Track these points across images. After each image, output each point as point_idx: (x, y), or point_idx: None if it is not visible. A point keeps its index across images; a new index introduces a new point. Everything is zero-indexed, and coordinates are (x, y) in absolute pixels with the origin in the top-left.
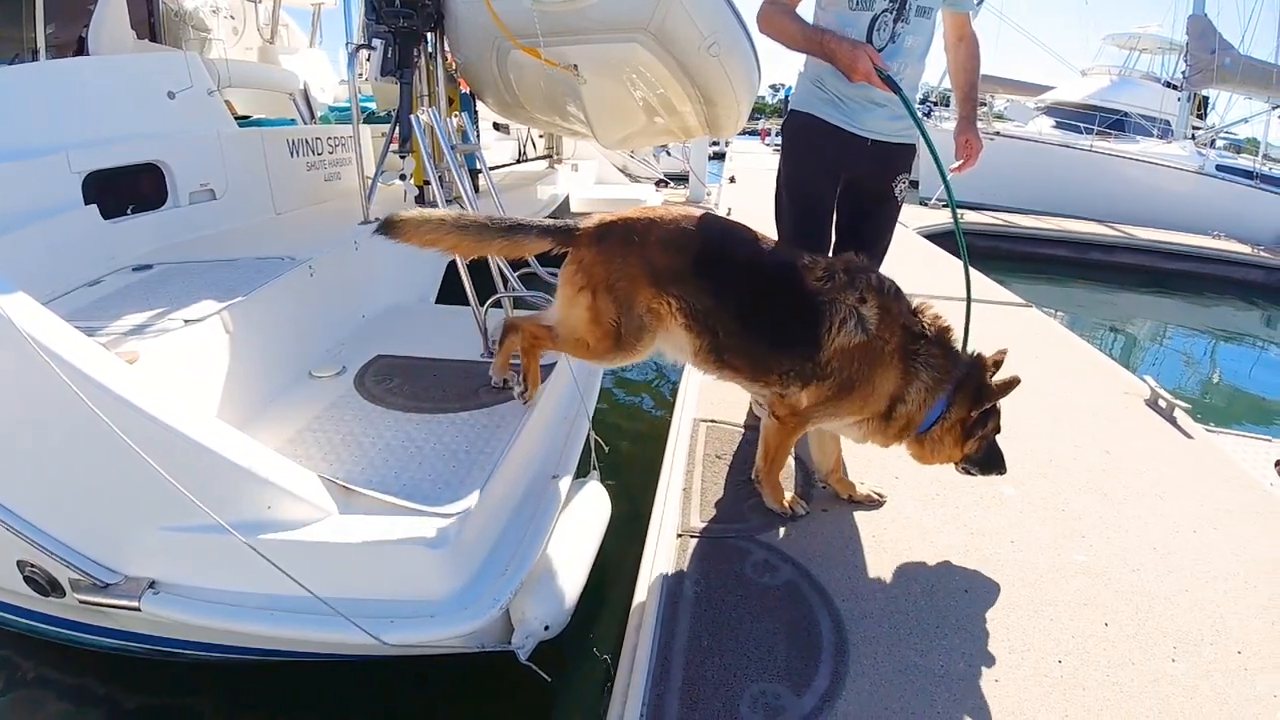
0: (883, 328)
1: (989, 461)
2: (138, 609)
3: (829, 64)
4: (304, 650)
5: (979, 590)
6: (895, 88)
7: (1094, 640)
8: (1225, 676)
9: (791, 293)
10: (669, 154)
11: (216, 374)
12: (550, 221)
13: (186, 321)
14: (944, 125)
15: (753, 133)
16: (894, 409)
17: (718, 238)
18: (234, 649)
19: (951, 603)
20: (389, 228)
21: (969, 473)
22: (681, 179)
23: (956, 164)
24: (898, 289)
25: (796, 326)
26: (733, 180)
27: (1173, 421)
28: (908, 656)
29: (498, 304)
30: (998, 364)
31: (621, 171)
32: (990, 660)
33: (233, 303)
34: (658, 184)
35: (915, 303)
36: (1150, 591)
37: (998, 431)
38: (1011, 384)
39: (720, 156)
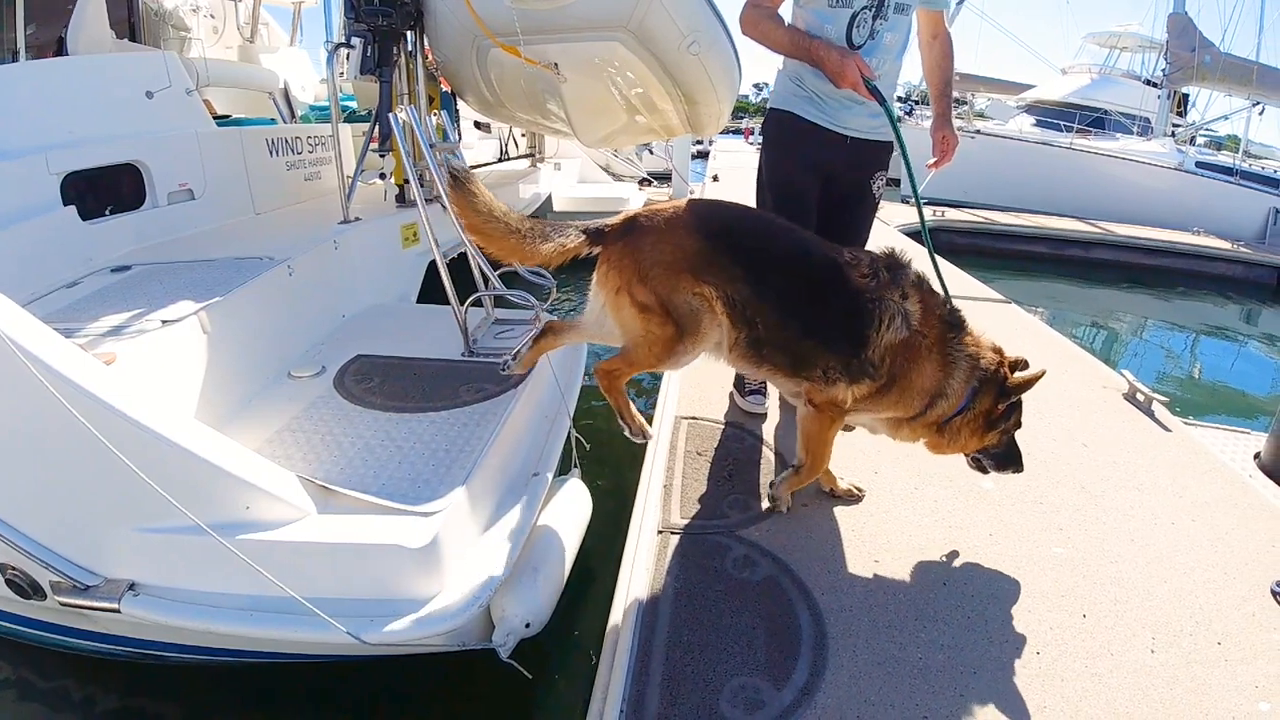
0: (924, 323)
1: (1008, 457)
2: (117, 611)
3: (812, 66)
4: (285, 651)
5: (957, 583)
6: (880, 98)
7: (1072, 631)
8: (1205, 667)
9: (838, 289)
10: (651, 152)
11: (194, 375)
12: (585, 224)
13: (164, 322)
14: (925, 124)
15: (736, 131)
16: (933, 404)
17: (752, 227)
18: (215, 651)
19: (929, 596)
20: (461, 182)
21: (982, 468)
22: (665, 178)
23: (933, 160)
24: (929, 283)
25: (845, 324)
26: (716, 179)
27: (1150, 415)
28: (886, 649)
29: (478, 303)
30: (1017, 363)
31: (604, 170)
32: (968, 652)
33: (210, 303)
34: (641, 183)
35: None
36: (1128, 583)
37: (1018, 427)
38: (1036, 378)
39: (704, 155)
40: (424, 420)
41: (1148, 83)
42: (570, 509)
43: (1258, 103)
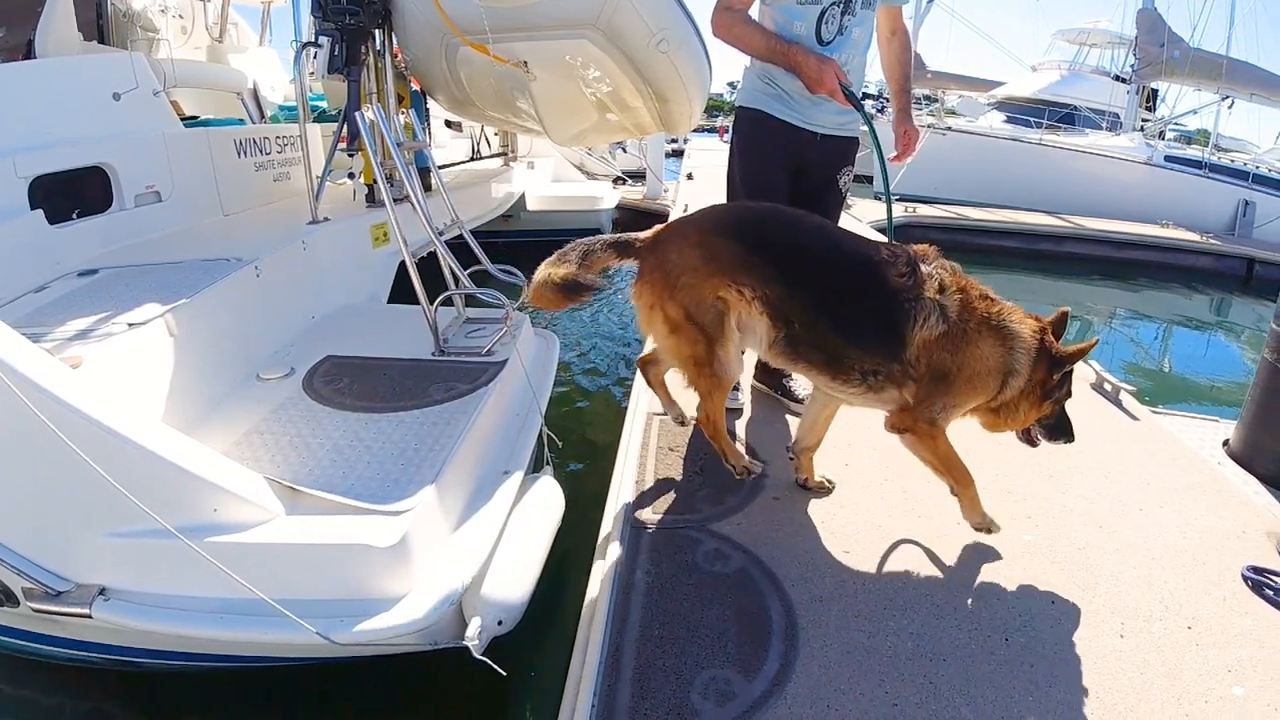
0: (967, 313)
1: (1060, 427)
2: (89, 616)
3: (788, 71)
4: (257, 655)
5: (925, 571)
6: (857, 104)
7: (1041, 618)
8: (1176, 651)
9: (873, 287)
10: (624, 151)
11: (162, 377)
12: (611, 237)
13: (130, 325)
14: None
15: (711, 130)
16: (1005, 384)
17: (781, 224)
18: (188, 656)
19: (899, 584)
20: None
21: (1031, 441)
22: (639, 176)
23: (895, 153)
24: (962, 271)
25: (881, 322)
26: (690, 177)
27: (1118, 404)
28: (856, 638)
29: (449, 302)
30: (1058, 325)
31: (578, 169)
32: (937, 640)
33: (176, 305)
34: (615, 181)
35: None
36: (1097, 569)
37: (1069, 396)
38: (1089, 347)
39: (679, 154)
40: (393, 420)
41: (1117, 78)
42: (542, 506)
43: (1226, 96)
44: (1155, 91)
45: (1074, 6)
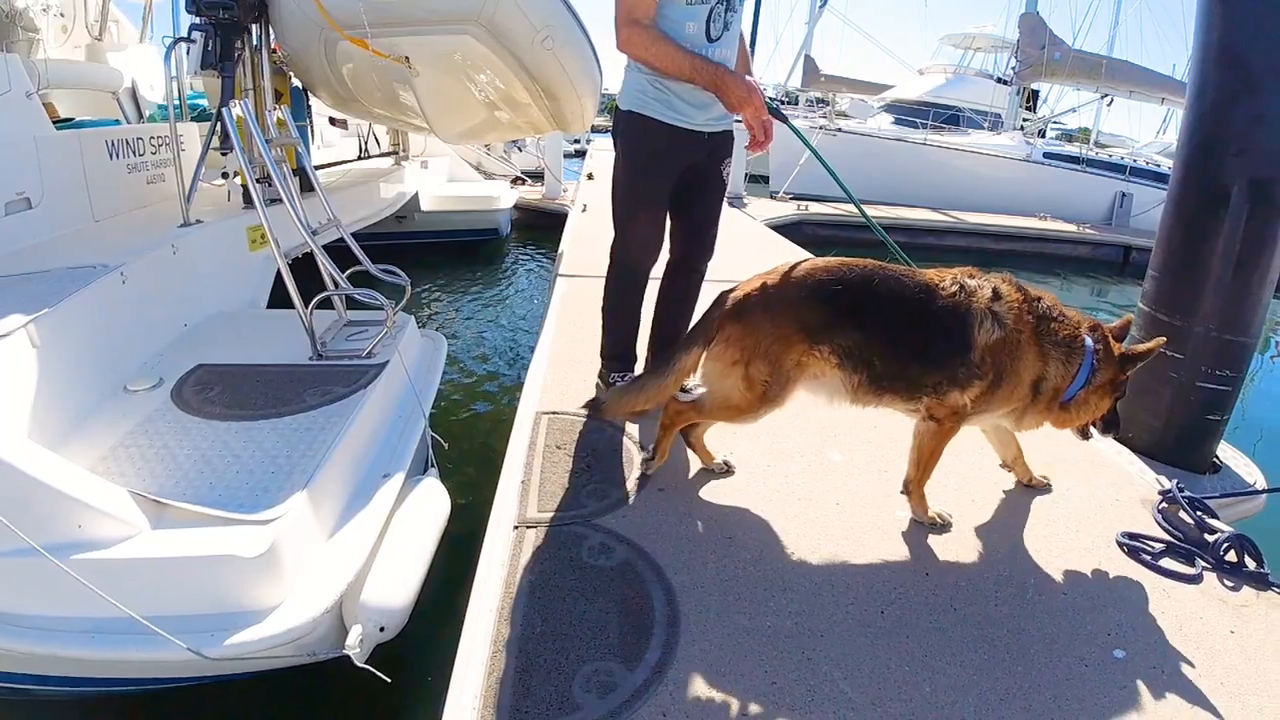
0: (1018, 320)
1: (1114, 420)
2: None
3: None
4: (142, 676)
5: (805, 552)
6: (783, 118)
7: (915, 590)
8: (1052, 617)
9: (933, 311)
10: (520, 150)
11: (25, 391)
12: (690, 331)
13: None
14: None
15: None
16: (1039, 386)
17: (854, 278)
18: (76, 681)
19: (778, 566)
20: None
21: (1086, 434)
22: (538, 176)
23: (748, 143)
24: (1014, 281)
25: (945, 339)
26: (591, 177)
27: None
28: (737, 621)
29: (327, 304)
30: (1121, 330)
31: (475, 169)
32: (816, 617)
33: (38, 316)
34: (513, 181)
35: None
36: (969, 541)
37: (1124, 395)
38: (1156, 346)
39: (581, 154)
40: (265, 427)
41: (999, 80)
42: (426, 508)
43: (1105, 95)
44: (1036, 92)
45: (961, 11)
